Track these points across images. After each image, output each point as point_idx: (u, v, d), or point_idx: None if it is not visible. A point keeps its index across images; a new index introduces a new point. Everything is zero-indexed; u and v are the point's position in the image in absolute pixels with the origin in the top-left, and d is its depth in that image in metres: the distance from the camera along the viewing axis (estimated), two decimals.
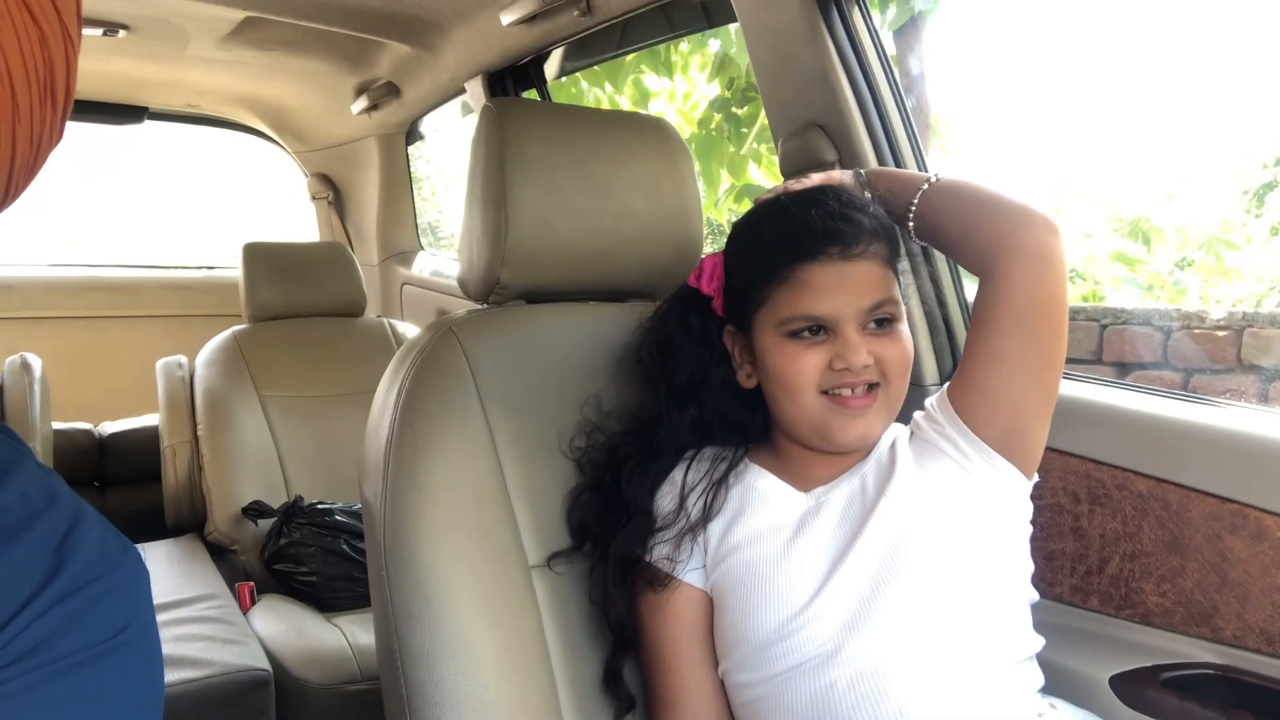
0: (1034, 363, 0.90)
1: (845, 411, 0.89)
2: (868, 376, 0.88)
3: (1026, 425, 0.90)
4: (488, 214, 1.05)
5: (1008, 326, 0.89)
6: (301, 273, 2.44)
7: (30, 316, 3.00)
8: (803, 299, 0.88)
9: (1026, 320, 0.89)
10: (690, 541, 0.94)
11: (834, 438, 0.90)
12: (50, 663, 0.48)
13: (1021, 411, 0.90)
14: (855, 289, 0.88)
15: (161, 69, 2.47)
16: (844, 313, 0.88)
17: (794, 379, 0.89)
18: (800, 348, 0.89)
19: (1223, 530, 0.94)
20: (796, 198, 0.94)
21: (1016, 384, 0.89)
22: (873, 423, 0.90)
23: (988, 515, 0.90)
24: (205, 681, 1.45)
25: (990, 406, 0.90)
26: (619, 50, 2.16)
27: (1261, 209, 4.38)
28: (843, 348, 0.87)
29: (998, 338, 0.89)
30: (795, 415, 0.91)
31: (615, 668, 0.96)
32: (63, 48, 0.50)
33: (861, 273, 0.88)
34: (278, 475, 2.20)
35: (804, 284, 0.88)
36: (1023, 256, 0.89)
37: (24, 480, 0.53)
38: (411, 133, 2.83)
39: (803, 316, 0.88)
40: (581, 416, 1.03)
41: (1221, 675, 0.94)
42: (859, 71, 1.26)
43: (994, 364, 0.90)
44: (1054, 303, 0.89)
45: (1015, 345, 0.89)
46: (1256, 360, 2.54)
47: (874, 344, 0.88)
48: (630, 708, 0.96)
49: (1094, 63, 5.02)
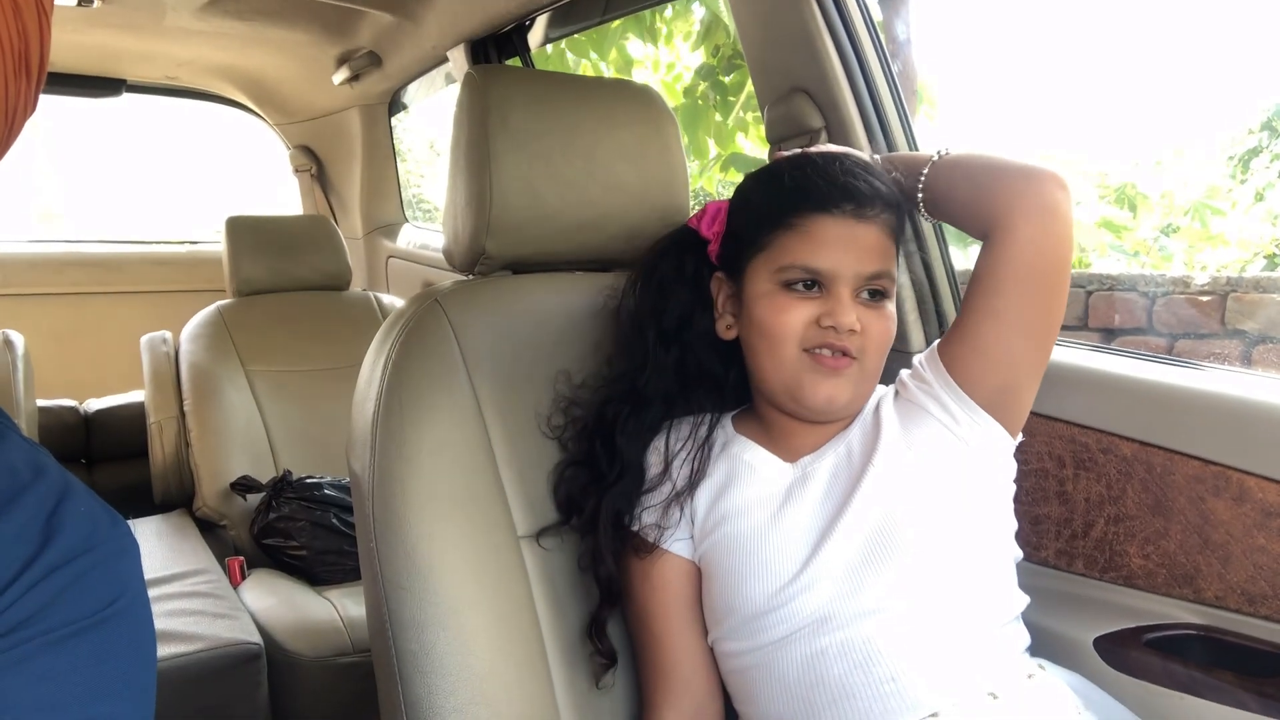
0: (1033, 321, 0.90)
1: (819, 369, 0.88)
2: (851, 343, 0.88)
3: (1019, 384, 0.91)
4: (472, 183, 1.04)
5: (1010, 283, 0.89)
6: (285, 247, 2.42)
7: (12, 294, 2.97)
8: (806, 249, 0.88)
9: (1030, 277, 0.89)
10: (677, 509, 0.94)
11: (803, 397, 0.89)
12: (42, 635, 0.48)
13: (1016, 370, 0.90)
14: (860, 251, 0.88)
15: (139, 40, 2.43)
16: (843, 272, 0.87)
17: (779, 329, 0.89)
18: (791, 299, 0.89)
19: (1206, 492, 0.95)
20: (822, 153, 0.94)
21: (1014, 342, 0.90)
22: (842, 388, 0.89)
23: (974, 476, 0.91)
24: (197, 656, 1.45)
25: (985, 364, 0.90)
26: (603, 17, 2.14)
27: (1247, 175, 4.39)
28: (834, 305, 0.87)
29: (999, 294, 0.89)
30: (770, 368, 0.91)
31: (600, 619, 0.96)
32: (36, 18, 0.50)
33: (868, 236, 0.88)
34: (265, 450, 2.20)
35: (811, 234, 0.88)
36: (1029, 211, 0.88)
37: (11, 454, 0.53)
38: (394, 103, 2.80)
39: (802, 266, 0.88)
40: (555, 393, 1.02)
41: (1203, 635, 0.95)
42: (845, 37, 1.25)
43: (993, 321, 0.90)
44: (1058, 260, 0.89)
45: (1015, 302, 0.89)
46: (1240, 325, 2.56)
47: (864, 314, 0.88)
48: (612, 662, 0.96)
49: (1081, 29, 5.00)
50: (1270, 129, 4.39)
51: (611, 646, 0.96)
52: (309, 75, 2.66)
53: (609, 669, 0.97)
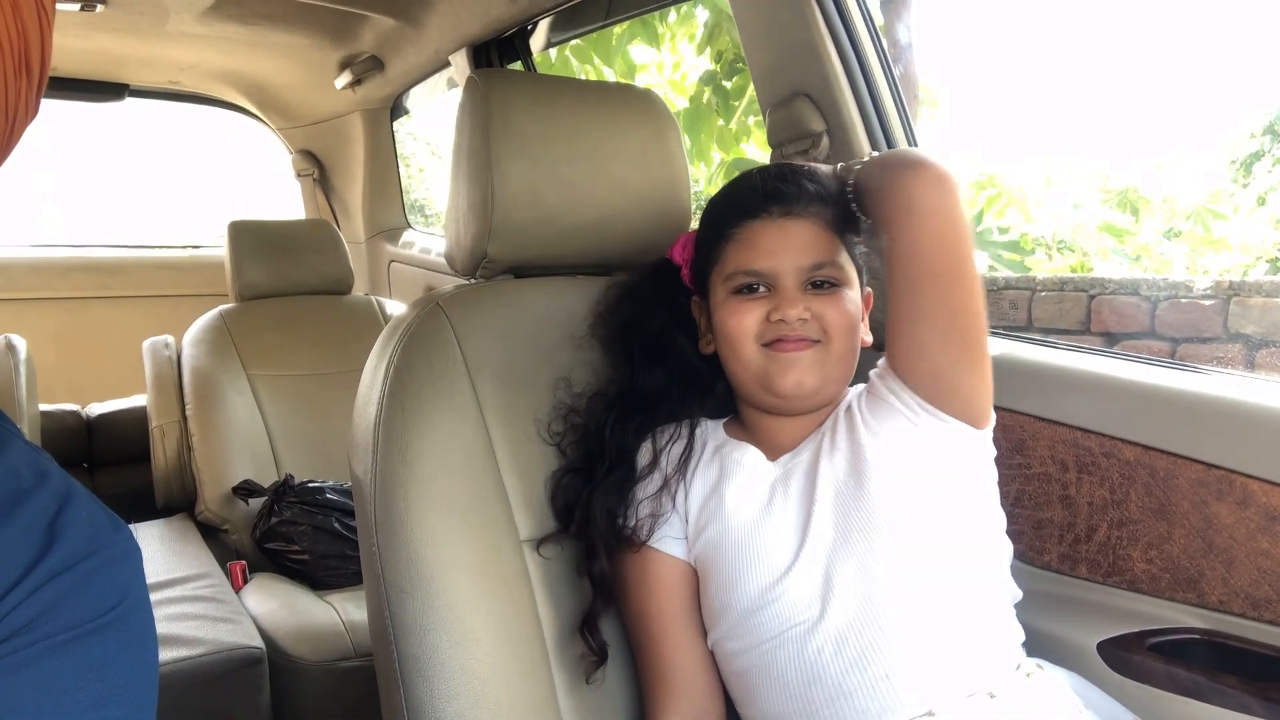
0: (935, 316, 0.88)
1: (780, 358, 0.92)
2: (805, 331, 0.92)
3: (948, 371, 0.89)
4: (474, 187, 1.04)
5: (900, 283, 0.89)
6: (288, 251, 2.42)
7: (15, 298, 2.97)
8: (745, 254, 0.94)
9: (918, 276, 0.87)
10: (669, 501, 0.96)
11: (773, 384, 0.93)
12: (44, 640, 0.48)
13: (939, 360, 0.88)
14: (795, 246, 0.92)
15: (142, 45, 2.44)
16: (783, 268, 0.92)
17: (735, 332, 0.94)
18: (743, 302, 0.94)
19: (1209, 496, 0.95)
20: (757, 169, 1.00)
21: (925, 333, 0.88)
22: (807, 370, 0.92)
23: (942, 469, 0.90)
24: (199, 660, 1.45)
25: (911, 360, 0.90)
26: (606, 20, 2.14)
27: (1249, 179, 4.38)
28: (779, 300, 0.92)
29: (895, 294, 0.90)
30: (739, 370, 0.96)
31: (593, 614, 0.96)
32: (36, 17, 0.49)
33: (801, 231, 0.93)
34: (267, 454, 2.20)
35: (746, 240, 0.94)
36: (909, 214, 0.88)
37: (13, 458, 0.53)
38: (396, 108, 2.80)
39: (744, 271, 0.94)
40: (555, 400, 1.03)
41: (1206, 640, 0.94)
42: (847, 41, 1.26)
43: (899, 319, 0.90)
44: (944, 255, 0.87)
45: (910, 300, 0.88)
46: (1243, 329, 2.55)
47: (813, 303, 0.92)
48: (602, 659, 0.96)
49: (1084, 33, 5.00)
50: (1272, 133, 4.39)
51: (604, 642, 0.96)
52: (311, 80, 2.66)
53: (599, 665, 0.96)
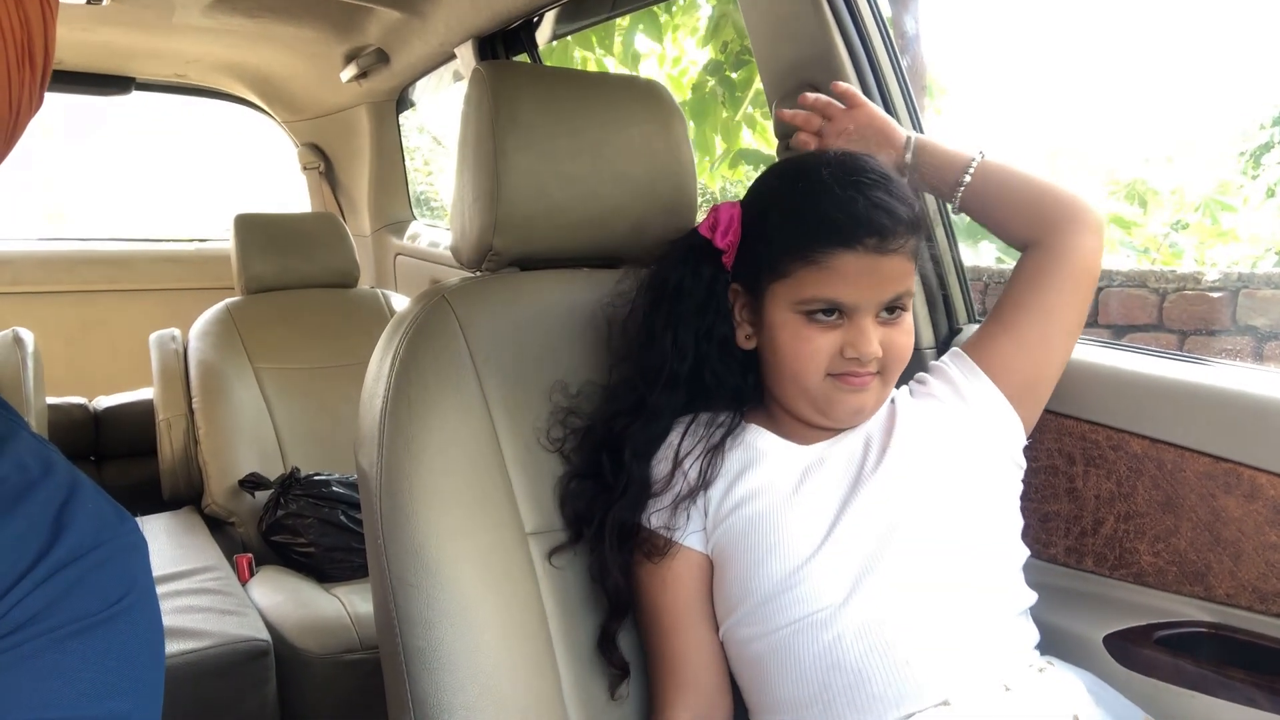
0: (1070, 322, 0.99)
1: (846, 389, 0.90)
2: (873, 367, 0.90)
3: (1046, 380, 0.99)
4: (479, 180, 1.04)
5: (1060, 283, 0.98)
6: (294, 244, 2.42)
7: (23, 291, 2.98)
8: (829, 284, 0.87)
9: (1076, 283, 0.99)
10: (688, 507, 0.94)
11: (833, 412, 0.92)
12: (50, 631, 0.48)
13: (1047, 366, 0.99)
14: (883, 282, 0.87)
15: (148, 38, 2.44)
16: (866, 303, 0.88)
17: (803, 360, 0.90)
18: (815, 330, 0.89)
19: (1217, 489, 0.94)
20: (840, 175, 0.88)
21: (1053, 338, 0.98)
22: (868, 399, 0.92)
23: (988, 469, 0.94)
24: (205, 652, 1.46)
25: (1021, 355, 0.97)
26: (611, 13, 2.13)
27: (1258, 170, 4.36)
28: (856, 336, 0.88)
29: (1050, 292, 0.98)
30: (794, 392, 0.92)
31: (610, 633, 0.96)
32: (39, 8, 0.49)
33: (892, 267, 0.87)
34: (274, 447, 2.20)
35: (834, 269, 0.86)
36: (1085, 227, 0.99)
37: (20, 450, 0.53)
38: (402, 100, 2.80)
39: (824, 299, 0.88)
40: (552, 404, 1.01)
41: (1214, 633, 0.94)
42: (854, 32, 1.25)
43: (1042, 316, 0.98)
44: (1096, 274, 1.01)
45: (1062, 303, 0.98)
46: (1252, 321, 2.54)
47: (884, 332, 0.89)
48: (625, 675, 0.96)
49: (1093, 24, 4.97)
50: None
51: (624, 659, 0.96)
52: (317, 72, 2.66)
53: (623, 680, 0.96)
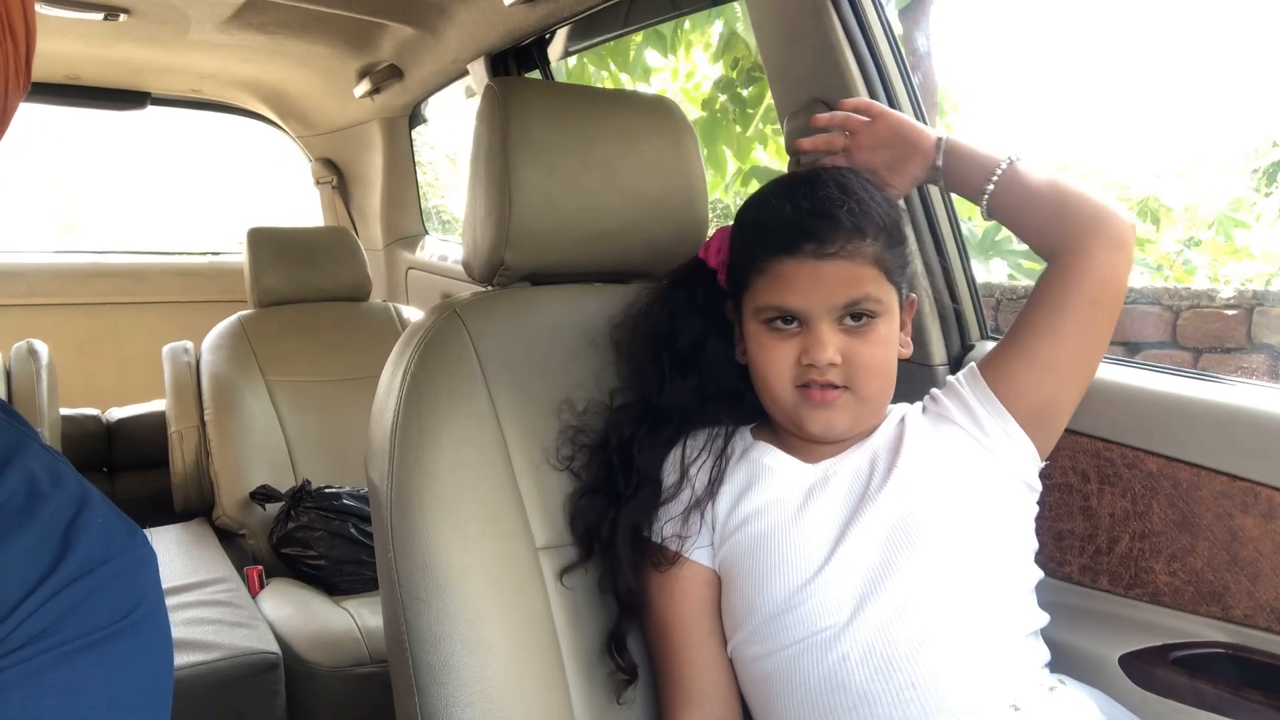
0: (1087, 345, 0.94)
1: (811, 403, 0.90)
2: (833, 377, 0.89)
3: (1061, 404, 0.94)
4: (491, 195, 1.04)
5: (1075, 304, 0.93)
6: (306, 258, 2.43)
7: (38, 303, 3.01)
8: (777, 291, 0.89)
9: (1094, 302, 0.93)
10: (698, 517, 0.94)
11: (804, 427, 0.91)
12: (59, 646, 0.48)
13: (1062, 390, 0.94)
14: (829, 287, 0.88)
15: (163, 53, 2.46)
16: (815, 308, 0.88)
17: (767, 369, 0.91)
18: (774, 338, 0.91)
19: (1234, 508, 0.93)
20: (787, 188, 0.93)
21: (1067, 362, 0.93)
22: (837, 416, 0.90)
23: (999, 490, 0.92)
24: (214, 664, 1.46)
25: (1035, 379, 0.93)
26: (623, 30, 2.14)
27: (1271, 187, 4.34)
28: (811, 343, 0.88)
29: (1063, 314, 0.93)
30: (769, 402, 0.94)
31: (620, 634, 0.96)
32: None
33: (836, 271, 0.87)
34: (285, 459, 2.21)
35: (779, 276, 0.89)
36: (1108, 241, 0.93)
37: (30, 463, 0.53)
38: (415, 116, 2.81)
39: (775, 307, 0.90)
40: (561, 423, 1.02)
41: (1231, 654, 0.93)
42: (865, 48, 1.25)
43: (1055, 338, 0.93)
44: (1119, 292, 0.94)
45: (1077, 324, 0.93)
46: (1267, 339, 2.53)
47: (846, 341, 0.88)
48: (632, 678, 0.96)
49: (1104, 40, 4.97)
50: None
51: (633, 662, 0.96)
52: (331, 88, 2.68)
53: (630, 684, 0.96)
